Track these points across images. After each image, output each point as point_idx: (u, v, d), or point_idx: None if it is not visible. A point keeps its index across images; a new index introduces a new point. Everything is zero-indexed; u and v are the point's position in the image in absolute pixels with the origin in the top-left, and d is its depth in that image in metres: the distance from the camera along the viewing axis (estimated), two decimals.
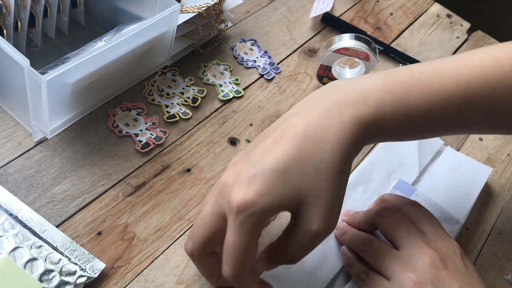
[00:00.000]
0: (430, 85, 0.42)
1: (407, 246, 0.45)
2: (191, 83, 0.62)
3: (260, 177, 0.38)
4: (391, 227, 0.47)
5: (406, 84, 0.42)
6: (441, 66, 0.44)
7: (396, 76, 0.43)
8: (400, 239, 0.46)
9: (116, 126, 0.55)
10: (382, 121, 0.41)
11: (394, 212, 0.48)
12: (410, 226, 0.46)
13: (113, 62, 0.52)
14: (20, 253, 0.44)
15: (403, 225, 0.46)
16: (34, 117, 0.50)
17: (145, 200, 0.51)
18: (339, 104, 0.40)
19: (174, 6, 0.54)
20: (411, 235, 0.45)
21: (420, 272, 0.43)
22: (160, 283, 0.47)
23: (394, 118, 0.41)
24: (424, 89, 0.42)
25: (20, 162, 0.51)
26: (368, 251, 0.47)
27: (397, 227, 0.46)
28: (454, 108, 0.43)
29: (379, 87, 0.42)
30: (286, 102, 0.64)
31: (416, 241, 0.45)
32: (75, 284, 0.43)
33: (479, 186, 0.59)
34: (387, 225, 0.47)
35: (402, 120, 0.42)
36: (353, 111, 0.40)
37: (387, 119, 0.41)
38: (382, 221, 0.48)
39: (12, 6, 0.51)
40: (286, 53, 0.70)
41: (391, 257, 0.45)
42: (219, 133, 0.59)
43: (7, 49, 0.45)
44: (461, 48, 0.80)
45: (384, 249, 0.46)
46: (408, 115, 0.42)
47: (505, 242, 0.58)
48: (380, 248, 0.46)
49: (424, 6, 0.85)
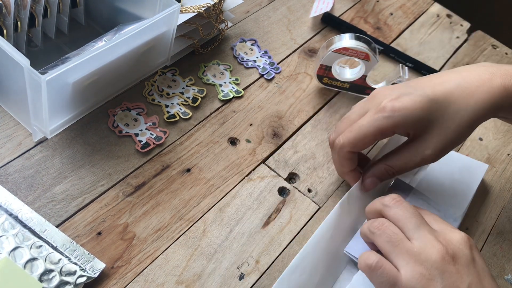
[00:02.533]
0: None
1: (417, 239, 0.44)
2: (191, 83, 0.62)
3: (412, 96, 0.49)
4: (400, 219, 0.46)
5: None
6: None
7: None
8: (410, 232, 0.45)
9: (116, 126, 0.55)
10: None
11: (402, 202, 0.47)
12: (419, 218, 0.46)
13: (113, 62, 0.52)
14: (20, 253, 0.44)
15: (413, 217, 0.46)
16: (34, 117, 0.50)
17: (145, 200, 0.51)
18: (491, 73, 0.50)
19: (174, 6, 0.54)
20: (421, 228, 0.45)
21: (430, 267, 0.43)
22: (160, 283, 0.47)
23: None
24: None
25: (20, 162, 0.51)
26: (381, 236, 0.46)
27: (407, 219, 0.46)
28: None
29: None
30: (286, 102, 0.64)
31: (427, 234, 0.45)
32: (75, 284, 0.43)
33: (475, 183, 0.59)
34: (395, 216, 0.47)
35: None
36: (502, 80, 0.50)
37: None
38: (390, 212, 0.47)
39: (12, 6, 0.51)
40: (286, 53, 0.70)
41: (403, 248, 0.44)
42: (219, 133, 0.59)
43: (7, 49, 0.45)
44: (461, 48, 0.80)
45: (397, 238, 0.45)
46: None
47: (505, 242, 0.58)
48: (393, 236, 0.45)
49: (424, 6, 0.85)
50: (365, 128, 0.50)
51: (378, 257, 0.45)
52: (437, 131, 0.49)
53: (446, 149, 0.50)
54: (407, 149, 0.51)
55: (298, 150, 0.60)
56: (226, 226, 0.52)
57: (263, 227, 0.52)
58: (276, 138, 0.60)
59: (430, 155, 0.50)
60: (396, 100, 0.49)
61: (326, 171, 0.59)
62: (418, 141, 0.50)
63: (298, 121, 0.63)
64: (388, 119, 0.49)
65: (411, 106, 0.48)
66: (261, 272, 0.50)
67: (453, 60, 0.78)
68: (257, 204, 0.54)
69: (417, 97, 0.49)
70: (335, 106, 0.66)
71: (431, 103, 0.49)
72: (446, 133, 0.49)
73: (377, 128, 0.49)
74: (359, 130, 0.50)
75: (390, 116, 0.49)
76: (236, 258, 0.50)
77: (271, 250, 0.51)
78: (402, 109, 0.48)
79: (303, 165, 0.59)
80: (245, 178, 0.56)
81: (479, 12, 1.23)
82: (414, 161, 0.51)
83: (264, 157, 0.58)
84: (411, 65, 0.74)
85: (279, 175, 0.57)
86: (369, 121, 0.50)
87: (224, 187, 0.54)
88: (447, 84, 0.50)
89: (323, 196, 0.57)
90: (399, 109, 0.48)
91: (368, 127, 0.49)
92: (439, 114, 0.49)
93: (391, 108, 0.48)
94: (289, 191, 0.56)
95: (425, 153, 0.50)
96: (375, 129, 0.49)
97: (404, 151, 0.51)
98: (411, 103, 0.48)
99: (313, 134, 0.62)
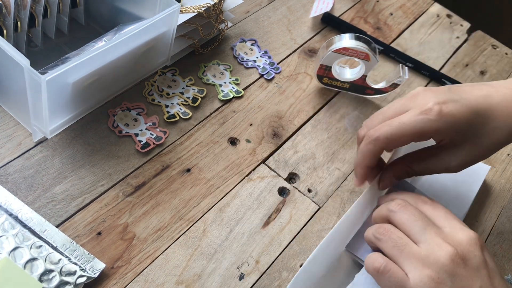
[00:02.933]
0: None
1: (424, 242, 0.44)
2: (191, 83, 0.62)
3: (459, 105, 0.47)
4: (406, 224, 0.45)
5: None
6: None
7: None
8: (416, 235, 0.44)
9: (116, 126, 0.55)
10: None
11: (407, 207, 0.46)
12: (425, 221, 0.45)
13: (113, 62, 0.52)
14: (20, 253, 0.44)
15: (418, 220, 0.45)
16: (34, 117, 0.50)
17: (145, 200, 0.51)
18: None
19: (174, 6, 0.54)
20: (428, 231, 0.44)
21: (439, 270, 0.42)
22: (160, 283, 0.47)
23: None
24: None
25: (20, 162, 0.51)
26: (387, 242, 0.45)
27: (412, 223, 0.45)
28: None
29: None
30: (286, 102, 0.64)
31: (434, 237, 0.44)
32: (75, 284, 0.43)
33: (477, 184, 0.59)
34: (401, 221, 0.46)
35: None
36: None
37: None
38: (396, 217, 0.46)
39: (12, 6, 0.51)
40: (286, 53, 0.70)
41: (409, 252, 0.44)
42: (219, 133, 0.59)
43: (7, 49, 0.45)
44: (461, 48, 0.80)
45: (403, 243, 0.45)
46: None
47: (505, 242, 0.58)
48: (398, 241, 0.45)
49: (424, 6, 0.85)
50: (406, 126, 0.47)
51: (385, 261, 0.44)
52: (470, 145, 0.48)
53: (471, 164, 0.50)
54: (434, 155, 0.50)
55: (298, 150, 0.60)
56: (226, 226, 0.52)
57: (263, 227, 0.52)
58: (276, 138, 0.60)
59: (455, 167, 0.49)
60: (444, 105, 0.47)
61: (326, 171, 0.59)
62: (448, 150, 0.49)
63: (298, 121, 0.63)
64: (433, 122, 0.47)
65: (457, 114, 0.47)
66: (261, 272, 0.50)
67: (453, 60, 0.78)
68: (257, 204, 0.54)
69: (463, 106, 0.47)
70: (335, 106, 0.66)
71: (474, 115, 0.48)
72: (477, 149, 0.48)
73: (419, 129, 0.47)
74: (399, 127, 0.48)
75: (435, 120, 0.47)
76: (236, 258, 0.50)
77: (271, 250, 0.51)
78: (448, 115, 0.47)
79: (303, 165, 0.59)
80: (245, 178, 0.56)
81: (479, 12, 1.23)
82: (437, 168, 0.50)
83: (264, 157, 0.58)
84: (411, 65, 0.74)
85: (279, 175, 0.57)
86: (412, 121, 0.47)
87: (224, 187, 0.54)
88: (491, 99, 0.49)
89: (323, 196, 0.57)
90: (445, 115, 0.47)
91: (410, 126, 0.47)
92: (477, 128, 0.48)
93: (438, 111, 0.47)
94: (289, 191, 0.56)
95: (451, 164, 0.49)
96: (417, 129, 0.47)
97: (430, 156, 0.50)
98: (457, 111, 0.47)
99: (313, 134, 0.62)
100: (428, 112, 0.47)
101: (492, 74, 0.78)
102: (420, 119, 0.47)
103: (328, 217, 0.55)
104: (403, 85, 0.71)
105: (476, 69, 0.78)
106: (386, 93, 0.67)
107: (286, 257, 0.51)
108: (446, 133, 0.48)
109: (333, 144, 0.62)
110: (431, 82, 0.74)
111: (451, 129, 0.47)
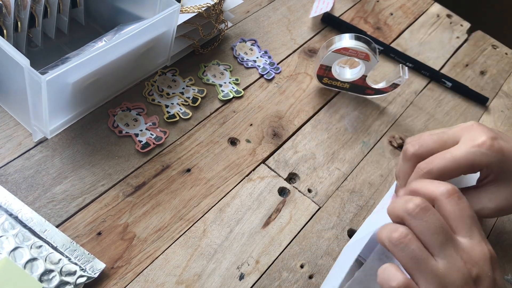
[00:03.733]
0: None
1: (443, 258, 0.42)
2: (191, 83, 0.62)
3: (504, 142, 0.48)
4: (425, 234, 0.43)
5: None
6: None
7: None
8: (435, 249, 0.43)
9: (116, 126, 0.55)
10: None
11: (426, 212, 0.43)
12: (445, 235, 0.43)
13: (113, 62, 0.52)
14: (20, 253, 0.44)
15: (439, 234, 0.43)
16: (34, 117, 0.50)
17: (145, 200, 0.51)
18: None
19: (174, 6, 0.54)
20: (447, 247, 0.42)
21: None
22: (160, 283, 0.47)
23: None
24: None
25: (20, 162, 0.51)
26: (403, 251, 0.43)
27: (433, 235, 0.43)
28: None
29: None
30: (286, 102, 0.64)
31: (453, 253, 0.42)
32: (75, 284, 0.43)
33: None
34: (419, 229, 0.43)
35: None
36: None
37: None
38: (413, 224, 0.43)
39: (12, 6, 0.51)
40: (286, 53, 0.70)
41: (427, 268, 0.42)
42: (219, 133, 0.59)
43: (7, 49, 0.45)
44: (461, 48, 0.80)
45: (422, 257, 0.42)
46: None
47: (505, 242, 0.58)
48: (417, 253, 0.42)
49: (424, 6, 0.85)
50: (458, 159, 0.47)
51: (404, 279, 0.42)
52: (510, 188, 0.49)
53: (506, 210, 0.49)
54: (473, 194, 0.50)
55: (298, 150, 0.60)
56: (226, 226, 0.52)
57: (263, 227, 0.52)
58: (276, 138, 0.60)
59: (490, 209, 0.49)
60: (495, 140, 0.48)
61: (326, 171, 0.59)
62: (488, 190, 0.50)
63: (298, 121, 0.63)
64: (484, 156, 0.47)
65: (506, 151, 0.48)
66: (261, 272, 0.50)
67: (453, 60, 0.78)
68: (257, 204, 0.54)
69: (506, 145, 0.48)
70: (335, 106, 0.66)
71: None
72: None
73: (470, 161, 0.47)
74: (453, 160, 0.48)
75: (487, 154, 0.47)
76: (236, 258, 0.50)
77: (271, 250, 0.51)
78: (499, 151, 0.48)
79: (303, 165, 0.59)
80: (245, 178, 0.56)
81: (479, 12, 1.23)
82: (473, 205, 0.49)
83: (264, 157, 0.58)
84: (411, 65, 0.74)
85: (279, 175, 0.57)
86: (464, 153, 0.48)
87: (224, 187, 0.54)
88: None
89: (323, 196, 0.57)
90: (497, 150, 0.48)
91: (463, 158, 0.47)
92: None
93: (490, 145, 0.47)
94: (289, 191, 0.56)
95: (488, 205, 0.49)
96: (469, 162, 0.48)
97: (469, 193, 0.50)
98: (507, 149, 0.48)
99: (313, 134, 0.62)
100: (481, 145, 0.48)
101: (492, 74, 0.78)
102: (473, 152, 0.47)
103: (328, 217, 0.55)
104: (403, 85, 0.71)
105: (476, 69, 0.78)
106: (386, 93, 0.67)
107: (286, 257, 0.51)
108: (493, 169, 0.48)
109: (333, 144, 0.62)
110: (431, 82, 0.74)
111: (499, 165, 0.48)
